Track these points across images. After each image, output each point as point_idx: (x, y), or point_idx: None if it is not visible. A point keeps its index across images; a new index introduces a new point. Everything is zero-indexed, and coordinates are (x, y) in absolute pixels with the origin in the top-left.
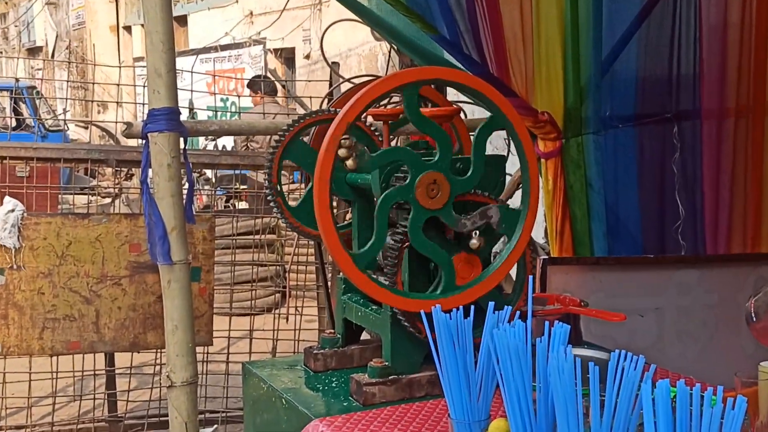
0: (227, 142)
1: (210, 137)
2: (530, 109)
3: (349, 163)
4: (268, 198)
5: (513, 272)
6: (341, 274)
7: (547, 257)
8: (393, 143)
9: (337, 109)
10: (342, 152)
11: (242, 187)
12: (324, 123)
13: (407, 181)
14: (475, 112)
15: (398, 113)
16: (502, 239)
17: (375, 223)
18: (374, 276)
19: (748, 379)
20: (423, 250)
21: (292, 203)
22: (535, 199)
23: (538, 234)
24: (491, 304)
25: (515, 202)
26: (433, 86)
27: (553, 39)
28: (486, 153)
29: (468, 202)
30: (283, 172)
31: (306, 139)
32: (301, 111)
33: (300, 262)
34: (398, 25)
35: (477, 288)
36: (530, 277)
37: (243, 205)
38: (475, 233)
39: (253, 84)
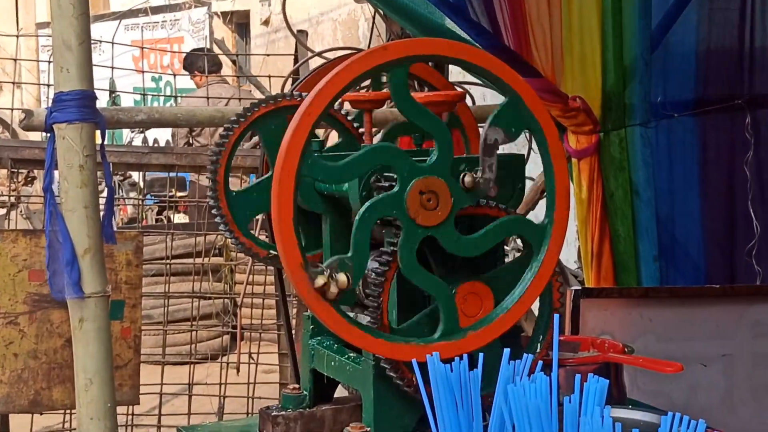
0: (161, 135)
1: (137, 129)
2: (558, 94)
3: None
4: (213, 211)
5: (535, 307)
6: (309, 310)
7: (580, 288)
8: (377, 139)
9: (304, 93)
10: None
11: (180, 194)
12: (288, 111)
13: (396, 188)
14: (486, 97)
15: (384, 98)
16: (512, 248)
17: (352, 243)
18: (352, 314)
19: None
20: (416, 280)
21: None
22: (563, 211)
23: (568, 258)
24: (506, 351)
25: (538, 214)
26: (430, 64)
27: (588, 2)
28: (500, 151)
29: (476, 216)
30: (235, 174)
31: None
32: (258, 95)
33: (255, 294)
34: None
35: (487, 330)
36: (557, 315)
37: (182, 218)
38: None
39: (193, 60)
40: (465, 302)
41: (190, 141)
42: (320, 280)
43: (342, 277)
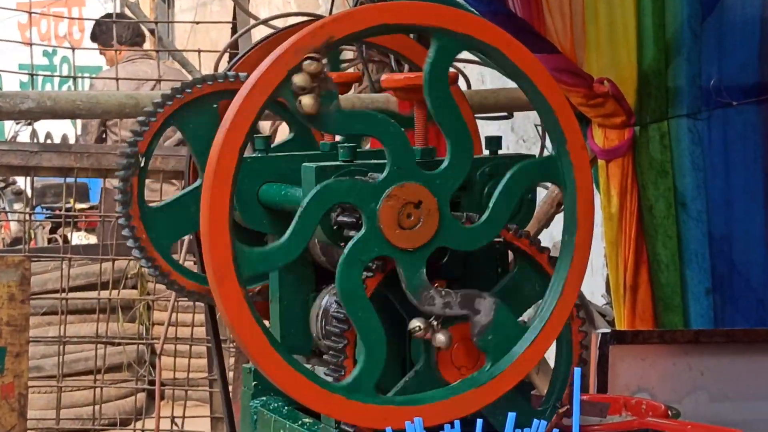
0: (56, 129)
1: (24, 121)
2: (579, 75)
3: (306, 102)
4: (124, 229)
5: (550, 355)
6: (250, 362)
7: (609, 331)
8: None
9: (245, 74)
10: (299, 80)
11: (81, 206)
12: (223, 98)
13: (363, 228)
14: (486, 79)
15: (351, 80)
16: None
17: (304, 271)
18: (307, 365)
19: None
20: (379, 322)
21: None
22: (586, 230)
23: (593, 290)
24: (511, 416)
25: (554, 233)
26: (411, 35)
27: None
28: (503, 151)
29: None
30: (154, 181)
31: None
32: (184, 75)
33: (180, 339)
34: None
35: (485, 388)
36: (578, 368)
37: (83, 238)
38: (436, 322)
39: (102, 30)
40: (457, 350)
41: (104, 134)
42: None
43: None
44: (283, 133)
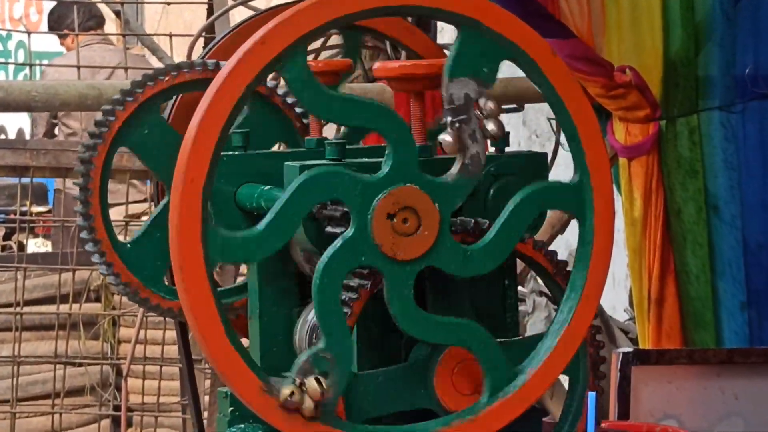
0: (11, 123)
1: None
2: (597, 63)
3: None
4: (82, 234)
5: (565, 377)
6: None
7: (631, 350)
8: (329, 130)
9: (221, 62)
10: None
11: (39, 210)
12: (196, 88)
13: (351, 228)
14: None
15: (343, 69)
16: (530, 290)
17: (321, 326)
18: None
19: None
20: (427, 335)
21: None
22: (606, 237)
23: (614, 304)
24: None
25: (570, 240)
26: (408, 19)
27: None
28: (512, 149)
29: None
30: (119, 181)
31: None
32: (154, 63)
33: (149, 360)
34: None
35: (487, 417)
36: (593, 392)
37: (40, 245)
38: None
39: (63, 13)
40: (456, 375)
41: (56, 126)
42: (286, 391)
43: (314, 386)
44: None
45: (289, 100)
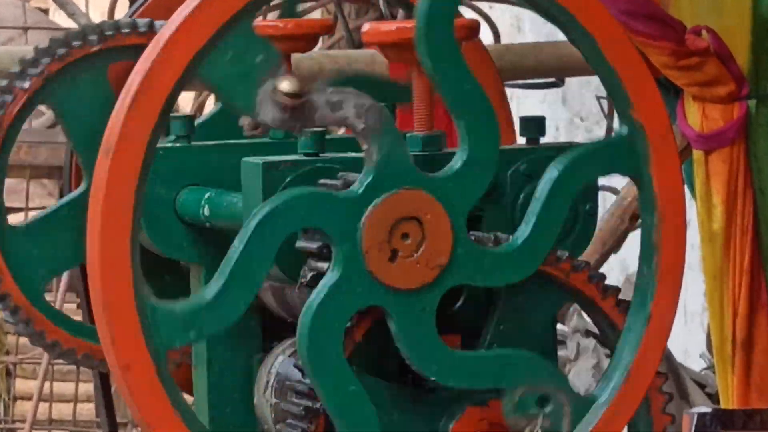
0: None
1: None
2: (663, 22)
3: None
4: None
5: None
6: None
7: (710, 410)
8: None
9: (157, 22)
10: None
11: None
12: (120, 58)
13: (337, 270)
14: (524, 27)
15: (319, 30)
16: (572, 328)
17: (245, 323)
18: None
19: None
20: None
21: None
22: (675, 254)
23: (687, 347)
24: None
25: (627, 260)
26: None
27: None
28: (548, 139)
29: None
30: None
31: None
32: (61, 21)
33: (56, 422)
34: None
35: None
36: None
37: None
38: None
39: None
40: None
41: None
42: None
43: None
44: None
45: None
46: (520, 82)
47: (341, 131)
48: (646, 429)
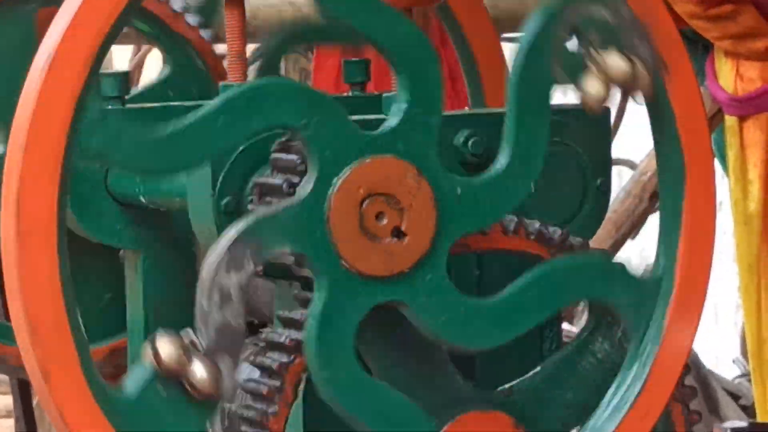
0: None
1: None
2: None
3: None
4: None
5: None
6: None
7: (744, 425)
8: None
9: None
10: None
11: None
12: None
13: (306, 190)
14: None
15: None
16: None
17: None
18: None
19: None
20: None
21: None
22: (703, 243)
23: (719, 352)
24: None
25: (646, 249)
26: None
27: None
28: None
29: (495, 255)
30: None
31: None
32: None
33: None
34: None
35: None
36: None
37: None
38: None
39: None
40: None
41: None
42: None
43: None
44: (155, 63)
45: (188, 17)
46: (519, 35)
47: None
48: None
